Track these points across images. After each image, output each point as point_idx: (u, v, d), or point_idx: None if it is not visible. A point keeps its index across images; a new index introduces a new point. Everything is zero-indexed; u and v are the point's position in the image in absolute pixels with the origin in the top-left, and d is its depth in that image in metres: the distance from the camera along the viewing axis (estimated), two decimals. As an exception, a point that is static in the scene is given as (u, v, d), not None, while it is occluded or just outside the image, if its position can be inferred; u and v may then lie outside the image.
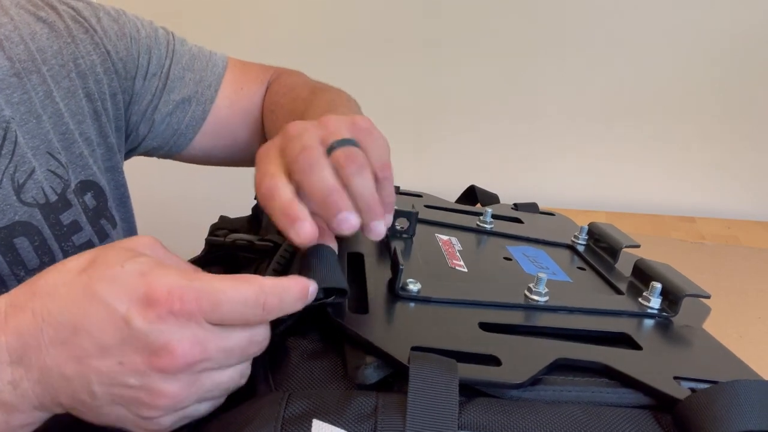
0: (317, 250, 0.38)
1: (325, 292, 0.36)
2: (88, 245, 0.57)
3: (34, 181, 0.52)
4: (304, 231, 0.34)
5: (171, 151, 0.68)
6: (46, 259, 0.53)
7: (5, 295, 0.32)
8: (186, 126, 0.66)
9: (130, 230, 0.65)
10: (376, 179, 0.37)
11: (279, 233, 0.68)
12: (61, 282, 0.31)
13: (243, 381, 0.34)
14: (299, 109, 0.58)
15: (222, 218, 0.84)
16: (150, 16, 0.67)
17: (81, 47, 0.57)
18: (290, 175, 0.36)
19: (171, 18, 0.71)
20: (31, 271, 0.52)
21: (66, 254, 0.55)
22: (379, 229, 0.37)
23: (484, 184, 0.76)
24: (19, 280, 0.51)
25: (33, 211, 0.52)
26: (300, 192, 0.36)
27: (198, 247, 0.79)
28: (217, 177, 1.28)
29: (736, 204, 1.02)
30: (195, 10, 1.24)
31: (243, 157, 0.72)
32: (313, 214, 0.35)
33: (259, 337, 0.33)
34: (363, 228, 0.37)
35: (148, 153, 0.69)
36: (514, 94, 1.12)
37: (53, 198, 0.53)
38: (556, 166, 1.12)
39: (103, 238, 0.59)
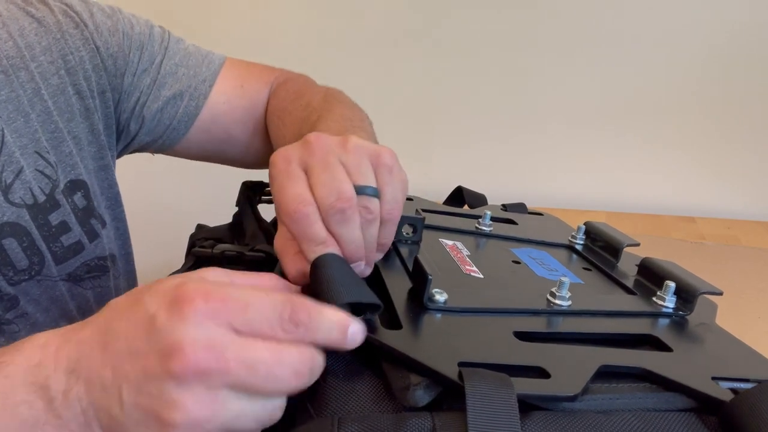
0: (334, 261, 0.36)
1: (351, 307, 0.35)
2: (77, 246, 0.56)
3: (21, 181, 0.51)
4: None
5: (164, 145, 0.66)
6: (35, 260, 0.52)
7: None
8: (178, 121, 0.64)
9: (122, 230, 0.64)
10: (382, 221, 0.39)
11: (268, 242, 0.66)
12: (124, 298, 0.32)
13: (275, 417, 0.31)
14: (311, 119, 0.57)
15: (200, 227, 0.80)
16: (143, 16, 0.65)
17: (70, 42, 0.55)
18: (319, 207, 0.37)
19: (163, 19, 0.68)
20: (20, 272, 0.51)
21: (54, 255, 0.54)
22: (362, 269, 0.40)
23: (475, 184, 0.76)
24: (8, 281, 0.51)
25: (21, 212, 0.51)
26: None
27: (181, 250, 0.75)
28: (199, 178, 1.25)
29: (736, 204, 1.05)
30: (189, 10, 1.19)
31: (238, 156, 0.71)
32: None
33: (289, 357, 0.30)
34: None
35: (142, 148, 0.67)
36: (511, 94, 1.12)
37: (41, 198, 0.52)
38: (556, 166, 1.13)
39: (93, 238, 0.57)
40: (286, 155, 0.38)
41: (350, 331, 0.32)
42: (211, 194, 1.16)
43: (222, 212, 0.78)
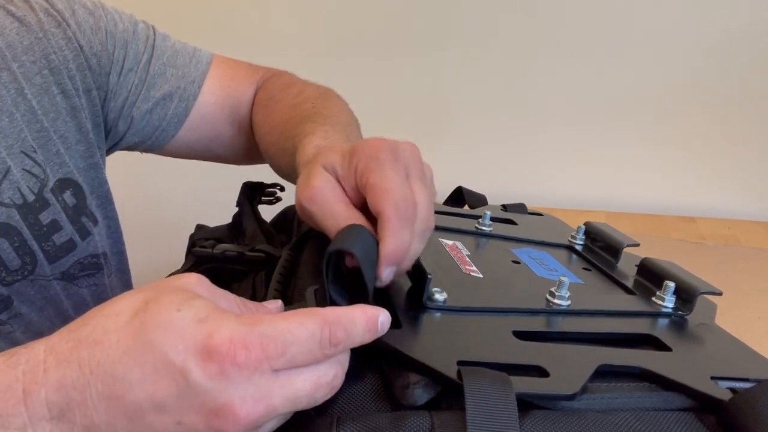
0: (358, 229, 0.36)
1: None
2: (70, 244, 0.56)
3: (9, 181, 0.50)
4: None
5: (153, 145, 0.67)
6: (28, 260, 0.52)
7: (42, 341, 0.29)
8: (168, 122, 0.64)
9: (114, 228, 0.64)
10: None
11: (268, 242, 0.66)
12: (112, 328, 0.28)
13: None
14: (305, 106, 0.57)
15: (199, 227, 0.80)
16: (140, 15, 0.64)
17: (53, 42, 0.54)
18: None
19: (161, 18, 0.68)
20: (13, 272, 0.51)
21: (47, 254, 0.53)
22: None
23: (475, 184, 0.76)
24: (1, 281, 0.50)
25: (11, 212, 0.51)
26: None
27: (180, 250, 0.75)
28: (199, 179, 1.25)
29: (736, 204, 1.04)
30: (188, 9, 1.20)
31: (224, 153, 0.72)
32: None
33: (325, 378, 0.30)
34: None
35: (129, 148, 0.67)
36: (512, 95, 1.12)
37: (30, 198, 0.52)
38: (556, 166, 1.13)
39: (85, 236, 0.57)
40: (396, 151, 0.38)
41: (380, 323, 0.32)
42: (211, 194, 1.16)
43: (222, 212, 0.78)
